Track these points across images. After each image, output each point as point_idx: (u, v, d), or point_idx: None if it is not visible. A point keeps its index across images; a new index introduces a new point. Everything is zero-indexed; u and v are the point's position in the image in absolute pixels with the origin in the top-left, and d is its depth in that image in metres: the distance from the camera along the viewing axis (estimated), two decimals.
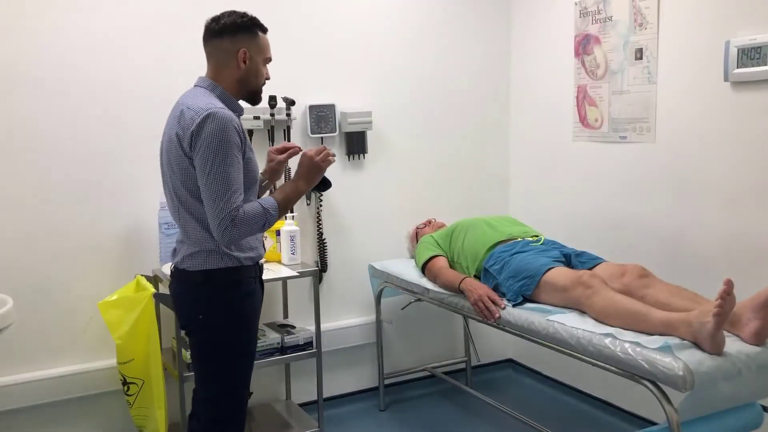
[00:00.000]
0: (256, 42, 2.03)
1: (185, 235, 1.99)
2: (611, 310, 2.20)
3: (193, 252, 1.96)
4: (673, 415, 1.86)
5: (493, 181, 3.71)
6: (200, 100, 1.91)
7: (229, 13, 2.02)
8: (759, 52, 2.38)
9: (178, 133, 1.90)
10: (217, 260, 1.95)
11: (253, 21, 2.03)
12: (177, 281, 2.04)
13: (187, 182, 1.92)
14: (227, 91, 2.01)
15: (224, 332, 1.98)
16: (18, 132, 2.62)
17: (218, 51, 2.01)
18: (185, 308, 2.04)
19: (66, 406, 2.76)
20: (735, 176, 2.55)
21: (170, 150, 1.94)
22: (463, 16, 3.52)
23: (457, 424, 3.14)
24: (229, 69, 2.01)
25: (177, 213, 1.99)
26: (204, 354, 2.02)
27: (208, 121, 1.85)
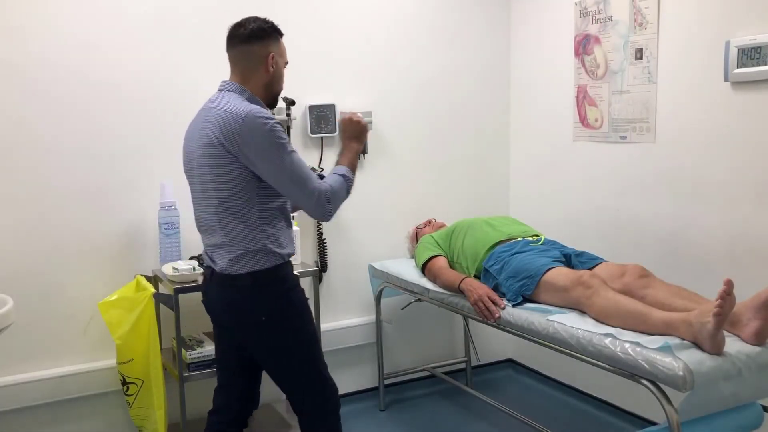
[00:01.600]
0: (279, 46, 2.10)
1: (228, 238, 1.99)
2: (611, 310, 2.20)
3: (237, 255, 1.98)
4: (673, 415, 1.86)
5: (493, 181, 3.71)
6: (239, 104, 1.95)
7: (253, 19, 2.07)
8: (759, 52, 2.38)
9: (218, 136, 1.92)
10: (263, 260, 1.99)
11: (275, 26, 2.10)
12: (221, 287, 2.05)
13: (232, 184, 1.94)
14: (254, 95, 2.05)
15: (288, 325, 2.04)
16: (18, 132, 2.62)
17: (247, 56, 2.05)
18: (240, 314, 2.04)
19: (66, 406, 2.76)
20: (735, 176, 2.55)
21: (210, 153, 1.95)
22: (463, 16, 3.52)
23: (457, 424, 3.14)
24: (257, 73, 2.05)
25: (217, 216, 1.99)
26: (280, 352, 2.06)
27: (256, 121, 1.90)
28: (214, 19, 2.93)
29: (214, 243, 2.04)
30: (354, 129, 2.16)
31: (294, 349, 2.07)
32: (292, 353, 2.07)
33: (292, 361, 2.08)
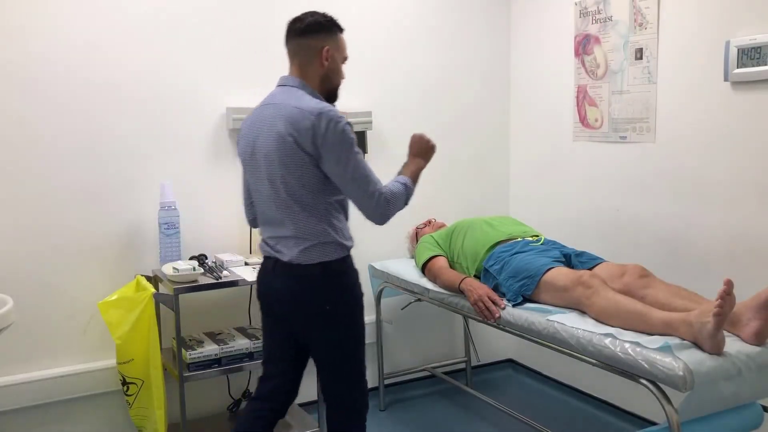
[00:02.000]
0: (336, 41, 2.13)
1: (299, 230, 2.03)
2: (611, 310, 2.20)
3: (307, 246, 2.03)
4: (673, 415, 1.86)
5: (493, 181, 3.71)
6: (307, 101, 2.01)
7: (311, 14, 2.11)
8: (759, 52, 2.38)
9: (291, 133, 1.97)
10: (332, 251, 2.05)
11: (333, 21, 2.13)
12: (289, 276, 2.07)
13: (304, 179, 1.99)
14: (313, 89, 2.10)
15: (351, 315, 2.11)
16: (18, 132, 2.62)
17: (303, 49, 2.09)
18: (305, 303, 2.07)
19: (66, 406, 2.76)
20: (735, 176, 2.55)
21: (281, 149, 1.99)
22: (463, 16, 3.52)
23: (457, 424, 3.14)
24: (313, 66, 2.09)
25: (287, 209, 2.03)
26: (337, 341, 2.11)
27: (327, 118, 1.96)
28: (214, 20, 2.94)
29: (282, 235, 2.07)
30: (422, 147, 2.24)
31: (348, 341, 2.13)
32: (347, 345, 2.13)
33: (344, 353, 2.13)
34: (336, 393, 2.17)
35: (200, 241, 2.96)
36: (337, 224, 2.07)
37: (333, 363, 2.14)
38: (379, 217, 2.04)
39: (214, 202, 2.99)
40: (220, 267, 2.79)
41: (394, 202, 2.04)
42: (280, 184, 2.02)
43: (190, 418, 2.86)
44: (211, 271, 2.71)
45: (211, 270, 2.72)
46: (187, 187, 2.92)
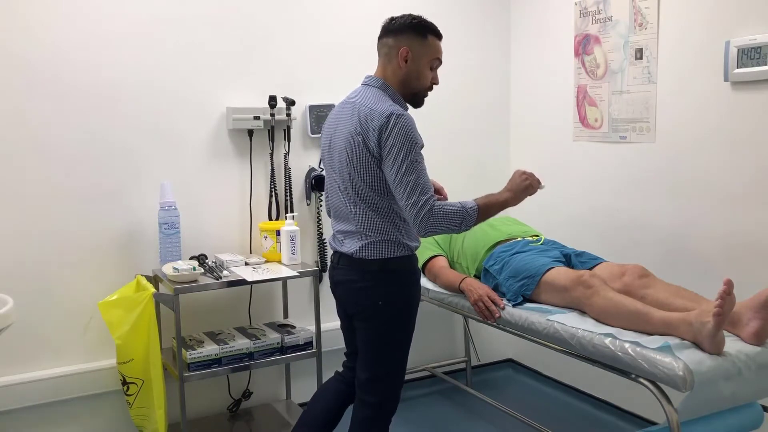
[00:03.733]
0: (422, 43, 2.09)
1: (362, 226, 2.07)
2: (611, 310, 2.20)
3: (371, 242, 2.07)
4: (673, 415, 1.86)
5: (493, 180, 3.69)
6: (382, 102, 2.01)
7: (403, 15, 2.12)
8: (759, 52, 2.38)
9: (361, 132, 2.00)
10: (394, 249, 2.08)
11: (423, 23, 2.10)
12: (347, 270, 2.13)
13: (368, 178, 2.03)
14: (395, 90, 2.10)
15: (400, 315, 2.13)
16: (18, 132, 2.62)
17: (384, 48, 2.12)
18: (362, 295, 2.11)
19: (66, 406, 2.76)
20: (735, 176, 2.55)
21: (352, 148, 2.03)
22: (463, 15, 3.52)
23: (457, 424, 3.14)
24: (392, 66, 2.10)
25: (353, 206, 2.08)
26: (378, 337, 2.13)
27: (394, 121, 1.95)
28: (214, 20, 2.94)
29: (347, 230, 2.12)
30: (515, 183, 2.19)
31: (393, 341, 2.14)
32: (391, 344, 2.14)
33: (388, 350, 2.14)
34: (372, 387, 2.17)
35: (200, 241, 2.96)
36: (401, 224, 2.09)
37: (372, 357, 2.16)
38: (420, 228, 1.98)
39: (214, 202, 2.99)
40: (220, 267, 2.79)
41: (441, 219, 1.97)
42: (348, 181, 2.07)
43: (190, 418, 2.86)
44: (211, 271, 2.71)
45: (211, 270, 2.73)
46: (187, 187, 2.92)
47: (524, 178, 2.18)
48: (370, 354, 2.16)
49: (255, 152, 3.05)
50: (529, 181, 2.19)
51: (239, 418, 3.05)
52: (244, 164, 3.04)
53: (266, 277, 2.69)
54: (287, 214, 2.91)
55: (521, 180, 2.18)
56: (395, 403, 2.20)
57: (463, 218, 2.01)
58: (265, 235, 2.94)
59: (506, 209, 2.21)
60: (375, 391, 2.16)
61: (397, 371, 2.18)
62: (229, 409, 3.07)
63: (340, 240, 2.16)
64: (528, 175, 2.19)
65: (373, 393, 2.16)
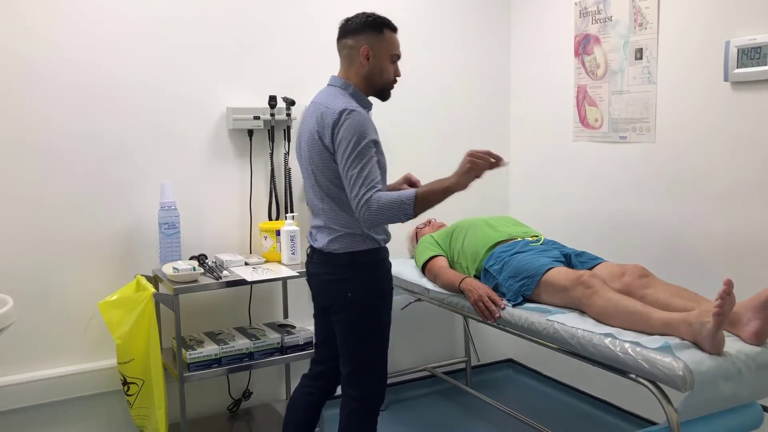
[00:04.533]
0: (381, 39, 2.15)
1: (329, 221, 2.15)
2: (611, 310, 2.20)
3: (338, 236, 2.13)
4: (673, 415, 1.86)
5: (493, 181, 3.70)
6: (337, 100, 2.08)
7: (358, 15, 2.17)
8: (759, 52, 2.39)
9: (318, 130, 2.08)
10: (361, 243, 2.13)
11: (378, 19, 2.16)
12: (321, 263, 2.20)
13: (328, 173, 2.09)
14: (358, 88, 2.16)
15: (372, 307, 2.17)
16: (17, 132, 2.62)
17: (344, 50, 2.18)
18: (332, 288, 2.18)
19: (66, 406, 2.76)
20: (735, 176, 2.55)
21: (312, 146, 2.12)
22: (463, 15, 3.52)
23: (457, 424, 3.14)
24: (355, 66, 2.16)
25: (321, 201, 2.16)
26: (352, 329, 2.18)
27: (345, 117, 2.01)
28: (214, 20, 2.94)
29: (318, 225, 2.20)
30: (461, 165, 2.08)
31: (367, 331, 2.18)
32: (365, 334, 2.18)
33: (363, 341, 2.19)
34: (352, 381, 2.22)
35: (200, 241, 2.96)
36: None
37: (349, 349, 2.21)
38: (361, 220, 2.02)
39: (214, 202, 2.99)
40: (220, 267, 2.79)
41: (377, 211, 1.98)
42: (313, 177, 2.15)
43: (190, 418, 2.86)
44: (211, 271, 2.71)
45: (211, 270, 2.73)
46: (187, 187, 2.92)
47: (467, 160, 2.06)
48: (346, 347, 2.21)
49: (255, 152, 3.05)
50: (473, 161, 2.05)
51: (239, 418, 3.05)
52: (244, 164, 3.04)
53: (266, 277, 2.69)
54: (287, 214, 2.91)
55: (464, 162, 2.07)
56: (380, 394, 2.24)
57: (399, 208, 1.99)
58: (265, 235, 2.94)
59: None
60: (358, 385, 2.21)
61: (376, 363, 2.22)
62: (229, 409, 3.07)
63: (314, 235, 2.23)
64: (477, 155, 2.06)
65: (357, 387, 2.21)
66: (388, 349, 2.25)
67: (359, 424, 2.22)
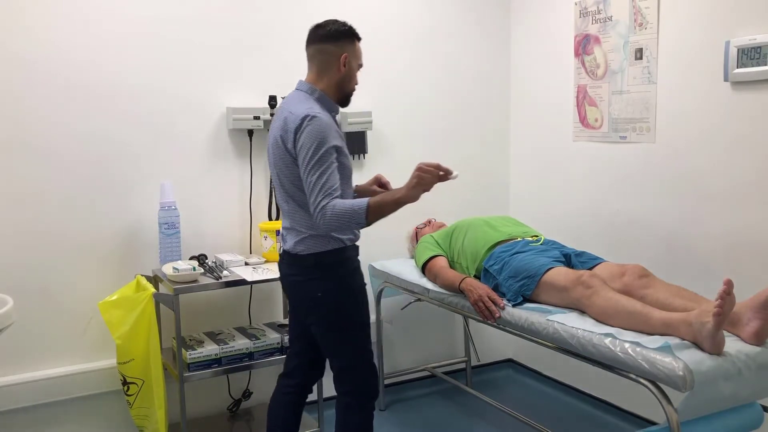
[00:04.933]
0: (354, 48, 2.23)
1: (294, 223, 2.20)
2: (611, 310, 2.20)
3: (302, 237, 2.18)
4: (673, 415, 1.86)
5: (493, 181, 3.71)
6: (301, 105, 2.12)
7: (332, 21, 2.22)
8: (759, 52, 2.38)
9: (282, 135, 2.12)
10: (325, 243, 2.17)
11: (353, 30, 2.24)
12: (288, 265, 2.26)
13: (292, 177, 2.14)
14: (326, 92, 2.20)
15: (341, 305, 2.20)
16: (17, 132, 2.62)
17: (322, 54, 2.20)
18: (301, 289, 2.24)
19: (66, 406, 2.76)
20: (735, 176, 2.55)
21: (276, 149, 2.17)
22: (463, 16, 3.52)
23: (457, 424, 3.14)
24: (330, 72, 2.20)
25: (286, 203, 2.21)
26: (327, 328, 2.24)
27: (306, 123, 2.05)
28: (214, 20, 2.94)
29: (286, 226, 2.26)
30: (412, 178, 2.09)
31: (343, 330, 2.23)
32: (341, 332, 2.23)
33: (340, 341, 2.24)
34: (338, 378, 2.27)
35: (200, 241, 2.96)
36: None
37: (331, 347, 2.27)
38: (319, 227, 2.07)
39: (214, 202, 2.99)
40: (220, 267, 2.79)
41: (331, 219, 2.02)
42: (278, 180, 2.20)
43: (190, 418, 2.86)
44: (211, 271, 2.71)
45: (211, 270, 2.73)
46: (187, 187, 2.92)
47: (415, 174, 2.08)
48: (327, 347, 2.28)
49: (255, 152, 3.05)
50: (418, 178, 2.07)
51: (239, 418, 3.05)
52: (244, 164, 3.04)
53: (266, 277, 2.69)
54: None
55: (412, 177, 2.09)
56: (371, 387, 2.28)
57: (352, 217, 2.04)
58: (265, 235, 2.94)
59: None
60: (348, 382, 2.26)
61: (359, 358, 2.25)
62: (229, 409, 3.07)
63: (283, 236, 2.28)
64: (424, 170, 2.07)
65: (347, 383, 2.26)
66: (370, 344, 2.29)
67: (354, 418, 2.25)
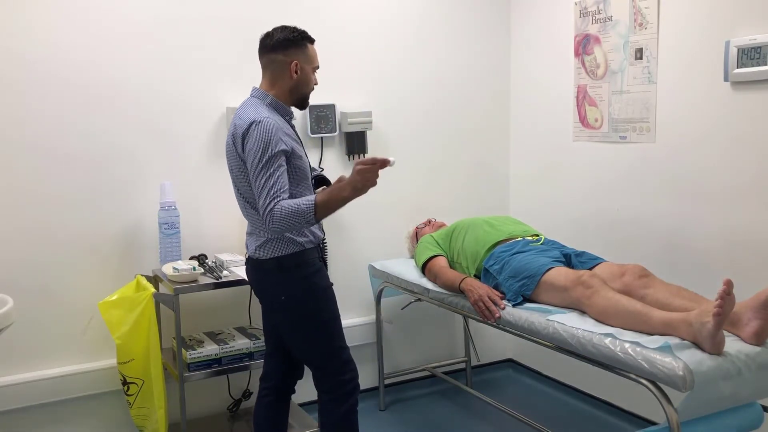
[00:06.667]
0: (306, 53, 2.26)
1: (254, 227, 2.25)
2: (611, 310, 2.20)
3: (261, 243, 2.21)
4: (673, 415, 1.86)
5: (493, 181, 3.71)
6: (249, 111, 2.15)
7: (281, 29, 2.25)
8: (759, 52, 2.38)
9: (233, 141, 2.17)
10: (283, 247, 2.19)
11: (303, 34, 2.25)
12: (253, 269, 2.30)
13: (246, 181, 2.17)
14: (279, 98, 2.24)
15: (306, 306, 2.23)
16: (18, 132, 2.62)
17: (273, 64, 2.24)
18: (266, 292, 2.29)
19: (66, 406, 2.76)
20: (735, 176, 2.55)
21: (230, 156, 2.21)
22: (463, 15, 3.52)
23: (457, 424, 3.14)
24: (282, 80, 2.24)
25: (244, 208, 2.26)
26: (293, 328, 2.27)
27: (253, 128, 2.09)
28: (214, 20, 2.94)
29: (247, 231, 2.30)
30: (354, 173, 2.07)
31: (311, 330, 2.25)
32: (310, 333, 2.26)
33: (310, 341, 2.27)
34: (315, 377, 2.32)
35: (200, 241, 2.96)
36: None
37: (301, 348, 2.32)
38: (268, 228, 2.08)
39: (214, 202, 2.99)
40: (220, 267, 2.79)
41: (281, 219, 2.04)
42: (235, 185, 2.25)
43: (190, 418, 2.86)
44: (211, 271, 2.71)
45: (211, 270, 2.73)
46: (187, 187, 2.92)
47: (357, 178, 2.07)
48: (295, 347, 2.32)
49: None
50: (361, 182, 2.07)
51: (239, 418, 3.05)
52: None
53: None
54: None
55: (354, 178, 2.07)
56: (350, 383, 2.29)
57: (300, 215, 2.06)
58: None
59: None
60: (324, 380, 2.30)
61: (330, 356, 2.28)
62: (229, 409, 3.07)
63: (246, 241, 2.32)
64: (361, 172, 2.06)
65: (323, 381, 2.30)
66: (343, 340, 2.30)
67: (334, 416, 2.28)
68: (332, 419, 2.29)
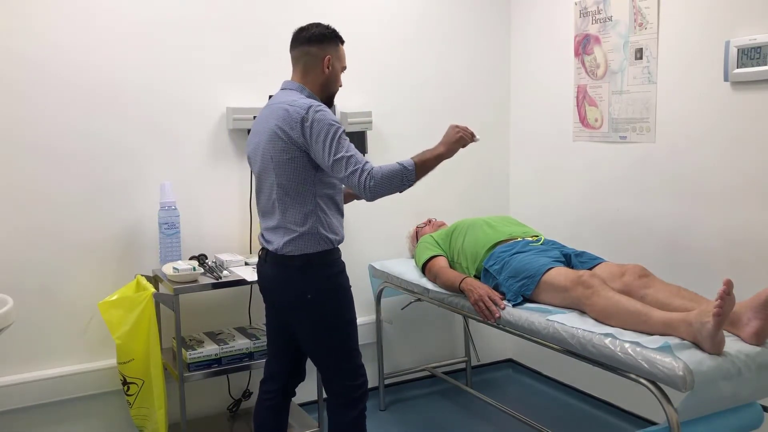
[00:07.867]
0: (338, 51, 2.28)
1: (286, 221, 2.16)
2: (611, 310, 2.20)
3: (293, 237, 2.15)
4: (673, 415, 1.86)
5: (493, 181, 3.71)
6: (301, 99, 2.15)
7: (316, 24, 2.26)
8: (759, 52, 2.39)
9: (283, 128, 2.11)
10: (316, 244, 2.16)
11: (336, 33, 2.28)
12: (276, 265, 2.21)
13: (290, 169, 2.12)
14: (312, 92, 2.24)
15: (331, 306, 2.20)
16: (18, 132, 2.62)
17: (307, 56, 2.24)
18: (289, 289, 2.20)
19: (66, 406, 2.76)
20: (735, 176, 2.55)
21: (274, 143, 2.13)
22: (463, 15, 3.52)
23: (457, 424, 3.14)
24: (314, 73, 2.25)
25: (277, 200, 2.17)
26: (313, 328, 2.22)
27: (313, 112, 2.08)
28: (214, 22, 2.94)
29: (272, 226, 2.21)
30: (448, 136, 2.27)
31: (331, 330, 2.22)
32: (330, 334, 2.22)
33: (329, 342, 2.23)
34: (326, 380, 2.29)
35: (200, 241, 2.96)
36: (323, 217, 2.17)
37: (318, 350, 2.26)
38: (365, 192, 2.07)
39: (214, 202, 2.99)
40: (220, 267, 2.79)
41: (381, 180, 2.07)
42: (272, 177, 2.17)
43: (190, 418, 2.86)
44: (211, 271, 2.71)
45: (211, 270, 2.73)
46: (187, 187, 2.92)
47: (456, 131, 2.27)
48: (313, 347, 2.27)
49: None
50: (461, 133, 2.27)
51: (239, 418, 3.05)
52: (244, 164, 3.04)
53: None
54: None
55: (454, 133, 2.27)
56: (360, 388, 2.27)
57: (402, 176, 2.10)
58: None
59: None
60: (334, 381, 2.27)
61: (346, 359, 2.25)
62: (229, 409, 3.07)
63: (266, 237, 2.25)
64: (461, 129, 2.28)
65: (333, 383, 2.27)
66: (358, 345, 2.28)
67: (345, 419, 2.26)
68: (341, 425, 2.26)
